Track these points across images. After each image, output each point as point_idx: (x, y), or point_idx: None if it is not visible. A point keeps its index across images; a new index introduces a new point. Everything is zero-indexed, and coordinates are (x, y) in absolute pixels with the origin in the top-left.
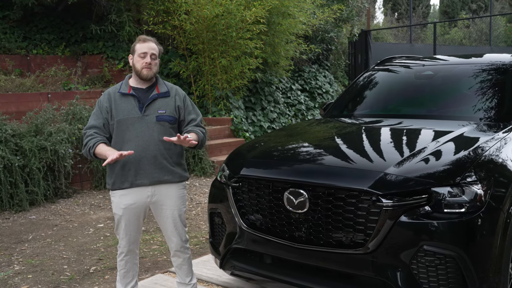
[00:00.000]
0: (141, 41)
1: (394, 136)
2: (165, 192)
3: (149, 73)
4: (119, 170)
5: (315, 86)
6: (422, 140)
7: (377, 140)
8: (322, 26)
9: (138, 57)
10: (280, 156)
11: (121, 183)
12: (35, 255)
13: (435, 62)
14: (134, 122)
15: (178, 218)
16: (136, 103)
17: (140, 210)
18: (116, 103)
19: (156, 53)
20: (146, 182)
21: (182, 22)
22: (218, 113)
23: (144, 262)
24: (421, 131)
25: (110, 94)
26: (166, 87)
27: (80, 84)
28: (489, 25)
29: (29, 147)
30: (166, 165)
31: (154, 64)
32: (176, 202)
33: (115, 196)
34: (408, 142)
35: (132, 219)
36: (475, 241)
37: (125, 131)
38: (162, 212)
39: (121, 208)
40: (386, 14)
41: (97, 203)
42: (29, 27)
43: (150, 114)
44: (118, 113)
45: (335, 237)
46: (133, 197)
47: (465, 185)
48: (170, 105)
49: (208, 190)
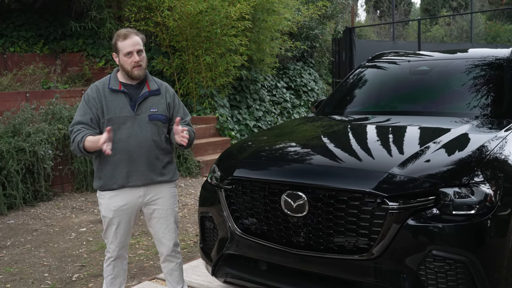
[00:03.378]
0: (121, 38)
1: (394, 134)
2: (157, 191)
3: (140, 71)
4: (110, 171)
5: (300, 84)
6: (424, 138)
7: (377, 139)
8: (306, 23)
9: (124, 57)
10: (275, 156)
11: (111, 184)
12: (13, 263)
13: (430, 57)
14: (126, 121)
15: (172, 219)
16: (127, 101)
17: (131, 212)
18: (106, 99)
19: (141, 47)
20: (138, 183)
21: (165, 19)
22: (203, 111)
23: (130, 268)
24: (422, 128)
25: (99, 89)
26: (156, 84)
27: (59, 82)
28: (469, 23)
29: (7, 149)
30: (158, 165)
31: (142, 60)
32: (169, 201)
33: (104, 198)
34: (410, 141)
35: (123, 221)
36: (486, 245)
37: (116, 130)
38: (154, 213)
39: (111, 210)
40: (369, 11)
41: (79, 206)
42: (5, 24)
43: (142, 113)
44: (109, 110)
45: (336, 242)
46: (124, 198)
47: (474, 185)
48: (161, 103)
49: (194, 191)
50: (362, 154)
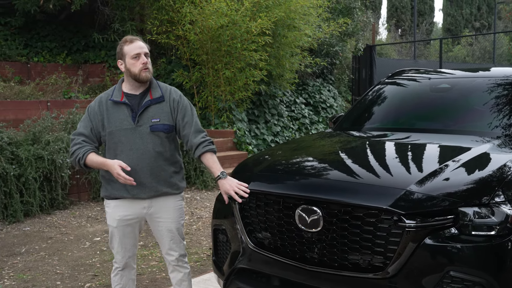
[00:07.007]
0: (128, 42)
1: (413, 151)
2: (162, 204)
3: (148, 74)
4: (115, 181)
5: (319, 100)
6: (443, 156)
7: (395, 156)
8: (327, 40)
9: (131, 60)
10: (291, 170)
11: (115, 194)
12: (27, 270)
13: (451, 75)
14: (126, 133)
15: (176, 232)
16: (129, 113)
17: (135, 223)
18: (108, 112)
19: (148, 51)
20: (143, 196)
21: (186, 32)
22: (221, 125)
23: (142, 280)
24: (441, 146)
25: (102, 101)
26: (160, 91)
27: (80, 93)
28: (492, 43)
29: (26, 156)
30: (164, 176)
31: (149, 64)
32: (174, 214)
33: (109, 207)
34: (429, 158)
35: (127, 231)
36: (506, 267)
37: (117, 143)
38: (158, 225)
39: (115, 219)
40: (390, 30)
41: (95, 215)
42: (30, 34)
43: (144, 124)
44: (110, 123)
45: (351, 259)
46: (128, 209)
47: (494, 205)
48: (165, 111)
49: (210, 204)
50: (380, 171)
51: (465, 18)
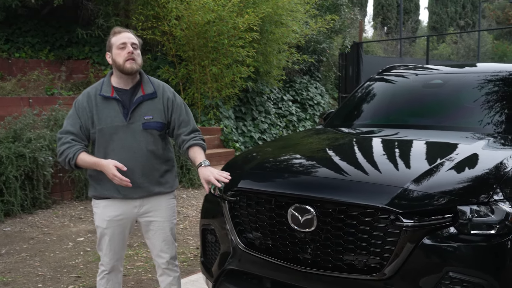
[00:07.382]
0: (116, 33)
1: (407, 148)
2: (154, 202)
3: (133, 65)
4: (105, 180)
5: (306, 97)
6: (440, 153)
7: (389, 152)
8: (314, 37)
9: (117, 50)
10: (283, 168)
11: (105, 193)
12: (7, 271)
13: (440, 71)
14: (118, 131)
15: (169, 232)
16: (120, 109)
17: (126, 223)
18: (97, 108)
19: (136, 42)
20: (135, 195)
21: (172, 28)
22: (207, 122)
23: (127, 281)
24: (438, 143)
25: (91, 96)
26: (152, 86)
27: (64, 89)
28: (476, 42)
29: (6, 154)
30: (156, 175)
31: (137, 55)
32: (166, 213)
33: (98, 207)
34: (423, 155)
35: (116, 232)
36: (506, 267)
37: (108, 141)
38: (150, 225)
39: (104, 220)
40: (376, 28)
41: (78, 215)
42: (11, 29)
43: (136, 121)
44: (101, 120)
45: (346, 260)
46: (119, 208)
47: (493, 203)
48: (157, 108)
49: (196, 203)
50: (375, 168)
51: (450, 16)
